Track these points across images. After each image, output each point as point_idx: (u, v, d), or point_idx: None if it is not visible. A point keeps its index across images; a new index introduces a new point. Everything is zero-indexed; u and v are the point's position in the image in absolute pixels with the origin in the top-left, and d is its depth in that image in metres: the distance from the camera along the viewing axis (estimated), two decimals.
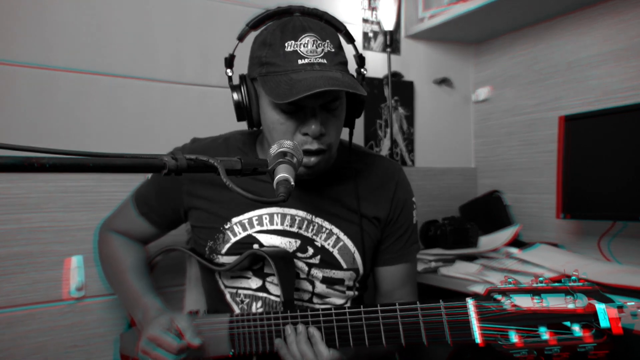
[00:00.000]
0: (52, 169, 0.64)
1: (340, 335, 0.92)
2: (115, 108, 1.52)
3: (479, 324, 0.79)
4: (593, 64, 1.80)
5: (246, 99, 1.04)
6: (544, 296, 0.77)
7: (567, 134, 1.67)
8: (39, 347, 1.39)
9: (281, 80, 0.95)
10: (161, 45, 1.60)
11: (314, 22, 1.01)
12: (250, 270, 1.13)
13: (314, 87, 0.90)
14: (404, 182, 1.22)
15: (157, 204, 1.20)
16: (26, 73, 1.40)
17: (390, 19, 1.98)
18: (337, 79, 0.93)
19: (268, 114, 1.02)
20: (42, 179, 1.41)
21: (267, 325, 0.98)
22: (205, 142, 1.20)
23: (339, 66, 0.99)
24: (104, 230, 1.30)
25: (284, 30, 0.97)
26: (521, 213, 2.05)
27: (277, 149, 0.90)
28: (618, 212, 1.55)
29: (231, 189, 0.76)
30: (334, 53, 0.98)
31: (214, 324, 1.04)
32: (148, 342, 1.00)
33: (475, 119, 2.31)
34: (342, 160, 1.17)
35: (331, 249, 1.11)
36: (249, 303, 1.13)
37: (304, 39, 0.96)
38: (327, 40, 0.98)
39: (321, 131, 0.99)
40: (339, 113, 1.04)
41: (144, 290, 1.16)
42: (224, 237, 1.12)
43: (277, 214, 1.11)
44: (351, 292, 1.18)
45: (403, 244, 1.19)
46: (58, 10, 1.44)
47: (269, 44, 0.98)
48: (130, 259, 1.22)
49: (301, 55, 0.95)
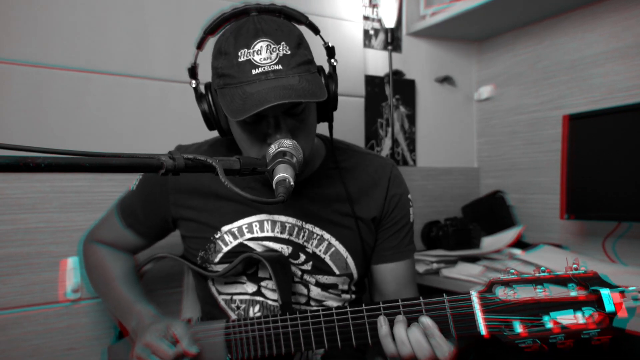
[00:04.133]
0: (47, 168, 0.63)
1: (342, 334, 0.90)
2: (111, 107, 1.51)
3: (483, 315, 0.80)
4: (598, 62, 1.78)
5: (213, 109, 1.01)
6: (546, 285, 0.78)
7: (571, 133, 1.65)
8: (34, 349, 1.38)
9: (235, 93, 0.91)
10: (158, 43, 1.58)
11: (270, 21, 0.95)
12: (244, 275, 1.11)
13: (264, 102, 0.86)
14: (397, 178, 1.17)
15: (143, 215, 1.17)
16: (21, 71, 1.38)
17: (391, 16, 1.97)
18: (292, 87, 0.89)
19: (234, 127, 0.99)
20: (38, 178, 1.39)
21: (266, 329, 0.96)
22: (191, 149, 1.17)
23: (297, 69, 0.93)
24: (88, 241, 1.27)
25: (237, 36, 0.93)
26: (524, 214, 2.03)
27: (276, 148, 0.88)
28: (623, 212, 1.53)
29: (230, 189, 0.75)
30: (290, 55, 0.92)
31: (209, 331, 1.02)
32: (144, 349, 0.97)
33: (477, 118, 2.29)
34: (330, 160, 1.14)
35: (322, 255, 1.09)
36: (246, 308, 1.10)
37: (256, 45, 0.91)
38: (283, 42, 0.92)
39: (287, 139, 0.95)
40: (305, 116, 0.99)
41: (136, 297, 1.13)
42: (215, 247, 1.10)
43: (267, 221, 1.09)
44: (347, 296, 1.15)
45: (399, 241, 1.16)
46: (54, 7, 1.43)
47: (224, 52, 0.94)
48: (118, 268, 1.19)
49: (255, 65, 0.90)
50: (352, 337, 0.89)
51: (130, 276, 1.20)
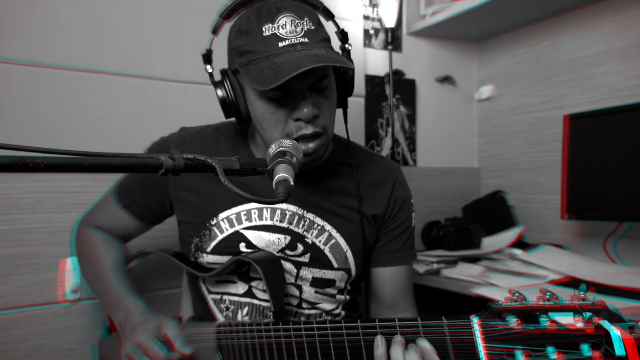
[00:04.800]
0: (46, 168, 0.62)
1: (336, 349, 0.87)
2: (111, 107, 1.50)
3: (484, 344, 0.75)
4: (599, 61, 1.77)
5: (231, 94, 1.01)
6: (552, 315, 0.73)
7: (572, 133, 1.64)
8: (33, 350, 1.37)
9: (264, 66, 0.91)
10: (158, 43, 1.57)
11: (287, 1, 0.96)
12: (235, 275, 1.09)
13: (299, 67, 0.86)
14: (402, 181, 1.18)
15: (141, 196, 1.15)
16: (21, 71, 1.38)
17: (391, 15, 1.96)
18: (322, 55, 0.90)
19: (256, 105, 0.98)
20: (37, 179, 1.38)
21: (258, 337, 0.93)
22: (194, 131, 1.16)
23: (322, 43, 0.95)
24: (83, 225, 1.24)
25: (259, 14, 0.94)
26: (525, 214, 2.02)
27: (276, 148, 0.87)
28: (624, 212, 1.52)
29: (229, 189, 0.74)
30: (314, 30, 0.94)
31: (200, 334, 1.00)
32: (135, 348, 0.96)
33: (478, 118, 2.28)
34: (338, 154, 1.14)
35: (322, 247, 1.07)
36: (235, 310, 1.09)
37: (281, 20, 0.92)
38: (306, 18, 0.94)
39: (314, 113, 0.95)
40: (330, 93, 1.00)
41: (126, 290, 1.11)
42: (210, 234, 1.08)
43: (267, 208, 1.07)
44: (342, 297, 1.13)
45: (400, 246, 1.15)
46: (53, 7, 1.42)
47: (245, 31, 0.95)
48: (110, 258, 1.17)
49: (281, 38, 0.91)
50: (346, 352, 0.86)
51: (121, 267, 1.18)
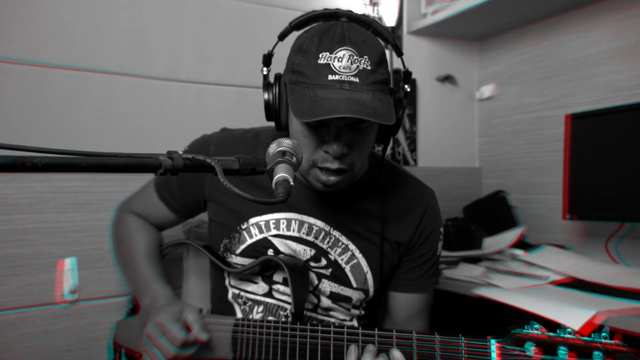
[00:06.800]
0: (44, 168, 0.62)
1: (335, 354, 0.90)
2: (109, 106, 1.50)
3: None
4: (600, 60, 1.76)
5: (277, 101, 1.00)
6: (572, 349, 0.73)
7: (573, 132, 1.63)
8: (31, 351, 1.37)
9: (305, 94, 0.91)
10: (156, 42, 1.57)
11: (357, 31, 0.94)
12: (260, 276, 1.11)
13: (333, 111, 0.85)
14: (435, 209, 1.16)
15: (177, 190, 1.17)
16: (19, 70, 1.37)
17: (392, 14, 1.96)
18: (364, 103, 0.88)
19: (293, 122, 0.98)
20: (35, 179, 1.38)
21: (274, 334, 0.97)
22: (235, 134, 1.16)
23: (372, 86, 0.92)
24: (123, 210, 1.27)
25: (322, 38, 0.92)
26: (527, 214, 2.01)
27: (275, 148, 0.87)
28: (626, 213, 1.51)
29: (228, 189, 0.74)
30: (369, 71, 0.92)
31: (217, 325, 1.03)
32: (155, 327, 0.98)
33: (479, 118, 2.27)
34: (372, 175, 1.13)
35: (344, 265, 1.08)
36: (251, 306, 1.11)
37: (339, 52, 0.90)
38: (365, 56, 0.92)
39: (342, 152, 0.95)
40: (367, 133, 0.98)
41: (155, 276, 1.14)
42: (239, 237, 1.10)
43: (295, 220, 1.08)
44: (357, 311, 1.14)
45: (422, 274, 1.14)
46: (52, 6, 1.42)
47: (304, 50, 0.94)
48: (144, 244, 1.20)
49: (333, 70, 0.90)
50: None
51: (154, 254, 1.20)
